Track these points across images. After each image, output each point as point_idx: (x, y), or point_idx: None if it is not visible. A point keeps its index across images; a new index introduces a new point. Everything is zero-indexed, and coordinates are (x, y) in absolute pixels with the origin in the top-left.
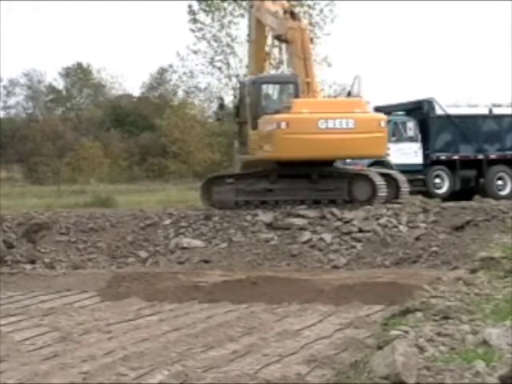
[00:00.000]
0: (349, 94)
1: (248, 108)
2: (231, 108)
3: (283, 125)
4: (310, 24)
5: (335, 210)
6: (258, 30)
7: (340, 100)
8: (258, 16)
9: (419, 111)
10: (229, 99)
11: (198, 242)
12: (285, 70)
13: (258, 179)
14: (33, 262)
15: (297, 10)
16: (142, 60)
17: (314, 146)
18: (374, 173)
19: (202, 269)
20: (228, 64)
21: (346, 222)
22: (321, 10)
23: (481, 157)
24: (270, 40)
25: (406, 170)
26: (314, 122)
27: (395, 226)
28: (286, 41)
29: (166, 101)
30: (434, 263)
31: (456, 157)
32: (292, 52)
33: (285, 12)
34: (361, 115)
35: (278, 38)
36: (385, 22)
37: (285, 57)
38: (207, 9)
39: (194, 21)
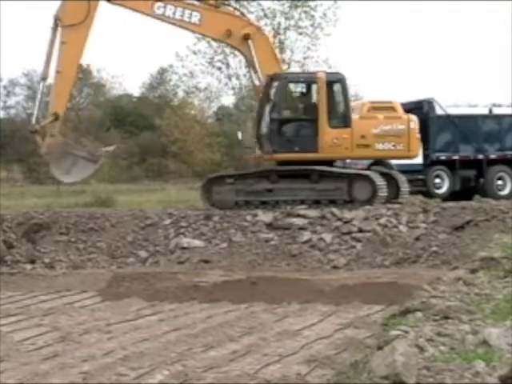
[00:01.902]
0: None
1: (324, 106)
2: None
3: (416, 125)
4: (312, 25)
5: (335, 210)
6: (87, 14)
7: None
8: (125, 4)
9: (419, 111)
10: (229, 99)
11: (197, 242)
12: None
13: (258, 179)
14: (33, 261)
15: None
16: (142, 60)
17: (418, 145)
18: (374, 173)
19: (202, 269)
20: (228, 64)
21: (346, 222)
22: (324, 14)
23: (481, 157)
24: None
25: (406, 169)
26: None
27: (395, 226)
28: (246, 38)
29: (165, 101)
30: (433, 263)
31: (456, 157)
32: (262, 49)
33: (217, 6)
34: None
35: (228, 35)
36: (385, 22)
37: (255, 55)
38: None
39: None
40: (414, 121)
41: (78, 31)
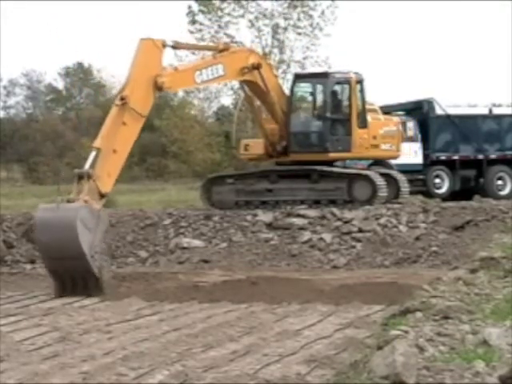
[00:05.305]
0: None
1: (355, 106)
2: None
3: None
4: (311, 25)
5: (335, 210)
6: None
7: None
8: (176, 88)
9: (419, 111)
10: (228, 99)
11: (198, 242)
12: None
13: (258, 179)
14: (33, 262)
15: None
16: None
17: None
18: (374, 173)
19: (202, 269)
20: None
21: (346, 222)
22: (322, 12)
23: (481, 157)
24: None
25: (406, 169)
26: None
27: (395, 226)
28: (256, 67)
29: (165, 101)
30: (433, 263)
31: (456, 157)
32: (267, 70)
33: (222, 50)
34: None
35: (244, 73)
36: (385, 23)
37: (266, 78)
38: (206, 9)
39: (193, 22)
40: (400, 123)
41: (139, 119)
